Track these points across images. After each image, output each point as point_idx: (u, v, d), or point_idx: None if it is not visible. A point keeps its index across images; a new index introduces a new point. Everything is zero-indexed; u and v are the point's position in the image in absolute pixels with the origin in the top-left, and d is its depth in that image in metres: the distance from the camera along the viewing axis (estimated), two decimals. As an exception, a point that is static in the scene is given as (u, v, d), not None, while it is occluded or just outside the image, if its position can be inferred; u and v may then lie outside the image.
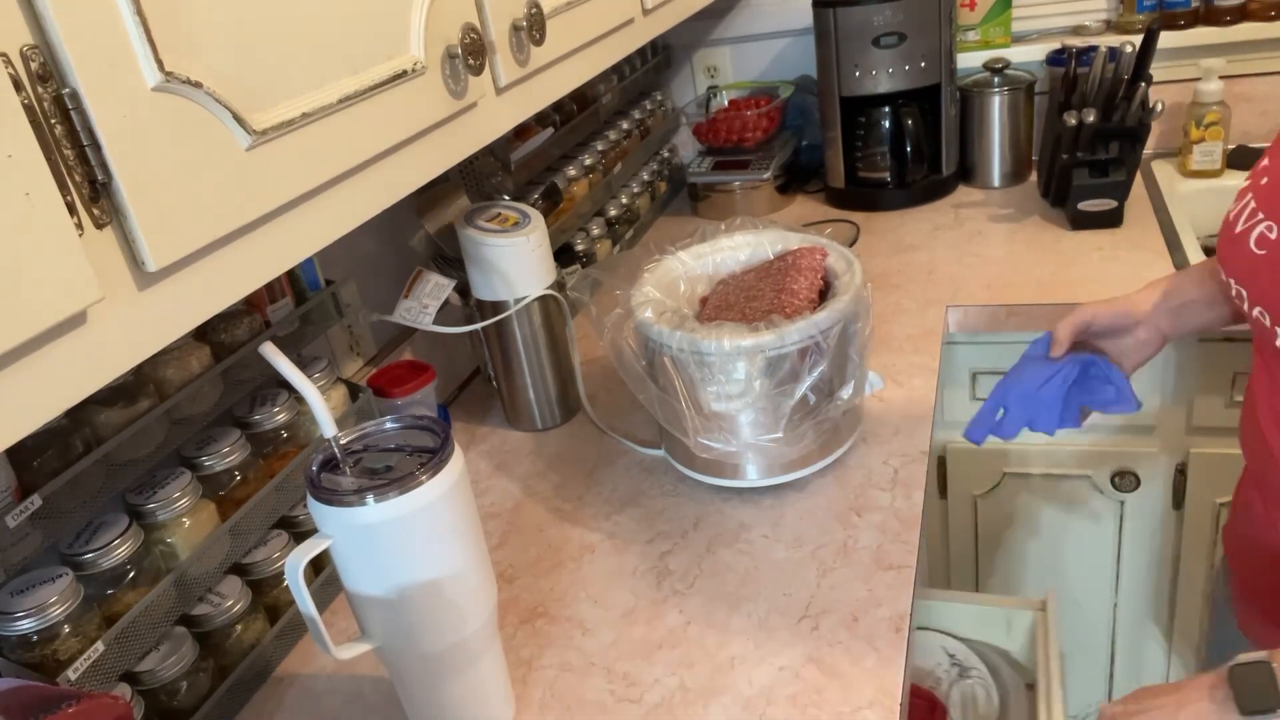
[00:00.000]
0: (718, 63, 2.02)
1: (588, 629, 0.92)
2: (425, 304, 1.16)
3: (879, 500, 1.03)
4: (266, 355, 0.69)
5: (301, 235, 0.61)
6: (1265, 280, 0.77)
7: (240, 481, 0.91)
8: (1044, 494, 1.49)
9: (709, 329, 0.97)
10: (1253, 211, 0.80)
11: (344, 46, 0.63)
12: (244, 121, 0.54)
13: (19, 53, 0.43)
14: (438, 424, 0.73)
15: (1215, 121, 1.63)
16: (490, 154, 1.37)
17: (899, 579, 0.91)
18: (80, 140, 0.45)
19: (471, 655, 0.77)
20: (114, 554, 0.78)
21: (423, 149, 0.73)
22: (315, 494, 0.68)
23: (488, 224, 1.16)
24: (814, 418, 0.99)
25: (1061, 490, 1.47)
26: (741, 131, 1.87)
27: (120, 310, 0.49)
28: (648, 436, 1.20)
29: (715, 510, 1.06)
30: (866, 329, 1.03)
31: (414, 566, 0.70)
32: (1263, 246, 0.77)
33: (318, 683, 0.92)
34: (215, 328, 0.90)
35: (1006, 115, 1.73)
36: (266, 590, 0.94)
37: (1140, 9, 1.74)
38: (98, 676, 0.74)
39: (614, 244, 1.71)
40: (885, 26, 1.63)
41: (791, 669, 0.84)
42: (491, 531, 1.09)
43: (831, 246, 1.12)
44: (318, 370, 1.01)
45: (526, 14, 0.83)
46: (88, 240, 0.46)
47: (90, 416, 0.78)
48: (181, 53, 0.50)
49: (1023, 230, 1.59)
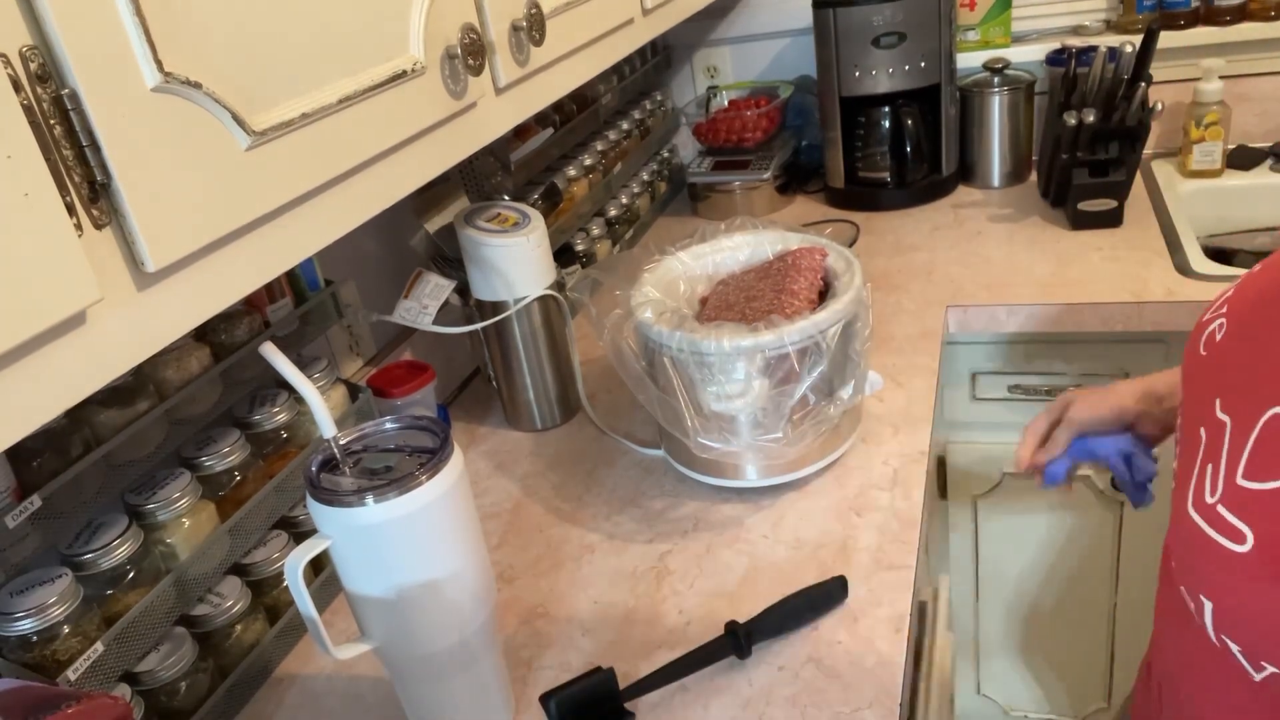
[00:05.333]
0: (718, 63, 2.02)
1: (588, 629, 0.92)
2: (425, 304, 1.16)
3: (879, 500, 1.03)
4: (266, 355, 0.69)
5: (301, 235, 0.61)
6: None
7: (240, 482, 0.91)
8: (1043, 495, 1.49)
9: (709, 329, 0.97)
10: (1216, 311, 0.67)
11: (343, 47, 0.63)
12: (243, 122, 0.54)
13: (18, 53, 0.43)
14: (437, 424, 0.73)
15: (1215, 121, 1.63)
16: (490, 154, 1.37)
17: (899, 579, 0.91)
18: (79, 141, 0.45)
19: (471, 655, 0.77)
20: (114, 554, 0.78)
21: (422, 149, 0.73)
22: (315, 494, 0.68)
23: (487, 224, 1.16)
24: (814, 418, 0.99)
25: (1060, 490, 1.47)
26: (741, 131, 1.87)
27: (119, 311, 0.49)
28: (647, 436, 1.20)
29: (715, 510, 1.06)
30: (866, 329, 1.03)
31: (414, 567, 0.70)
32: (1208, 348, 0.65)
33: (317, 683, 0.92)
34: (215, 328, 0.90)
35: (1006, 115, 1.73)
36: (266, 590, 0.94)
37: (1140, 9, 1.74)
38: (97, 677, 0.74)
39: (614, 244, 1.71)
40: (885, 26, 1.63)
41: (791, 669, 0.84)
42: (491, 531, 1.09)
43: (831, 246, 1.12)
44: (317, 370, 1.01)
45: (526, 14, 0.83)
46: (87, 241, 0.46)
47: (90, 417, 0.78)
48: (181, 53, 0.50)
49: (1023, 230, 1.59)
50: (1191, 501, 0.58)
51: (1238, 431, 0.56)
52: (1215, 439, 0.58)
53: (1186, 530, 0.58)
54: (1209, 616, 0.56)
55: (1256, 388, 0.56)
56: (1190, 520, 0.57)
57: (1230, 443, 0.56)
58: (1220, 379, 0.61)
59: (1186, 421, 0.65)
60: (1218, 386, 0.61)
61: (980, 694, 1.72)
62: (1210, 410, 0.60)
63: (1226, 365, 0.61)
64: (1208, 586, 0.56)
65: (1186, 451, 0.62)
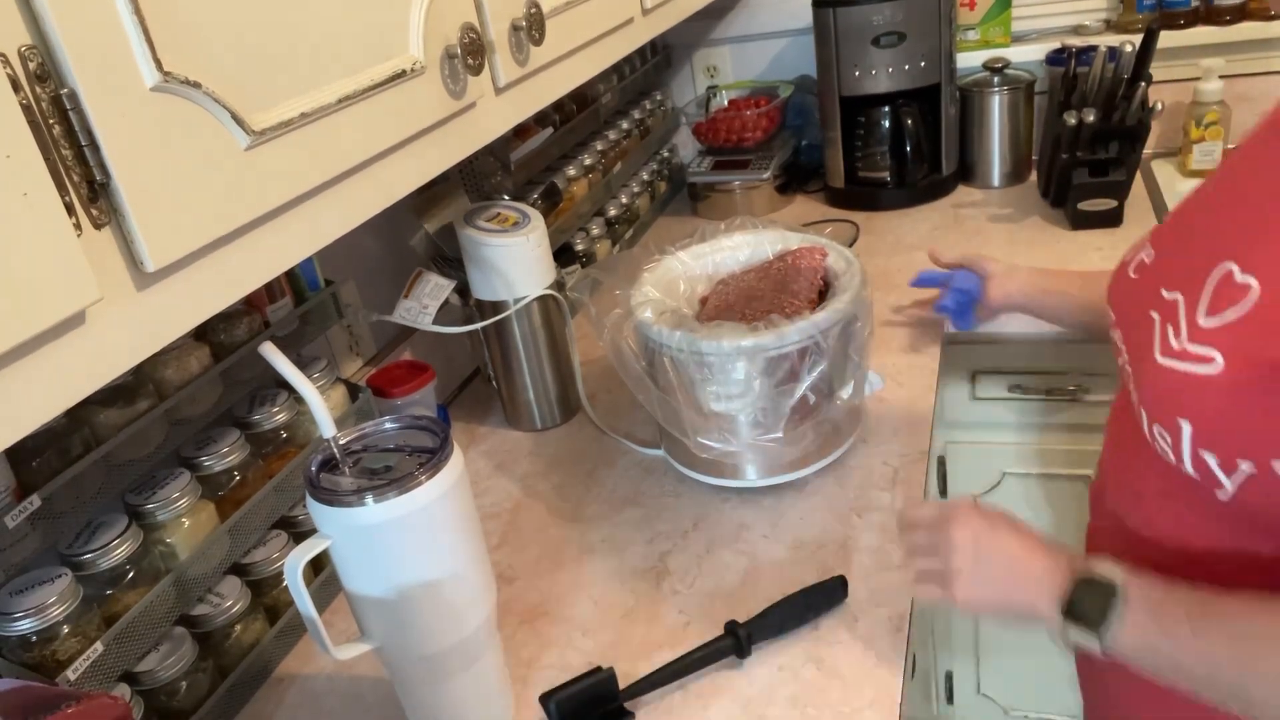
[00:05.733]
0: (718, 63, 2.02)
1: (588, 629, 0.92)
2: (425, 304, 1.16)
3: (879, 500, 1.03)
4: (266, 355, 0.69)
5: (301, 235, 0.61)
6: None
7: (240, 482, 0.91)
8: (1044, 494, 1.49)
9: (709, 329, 0.97)
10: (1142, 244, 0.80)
11: (343, 46, 0.63)
12: (243, 121, 0.54)
13: (17, 53, 0.43)
14: (437, 424, 0.73)
15: (1215, 121, 1.63)
16: (490, 154, 1.37)
17: (899, 579, 0.91)
18: (78, 140, 0.45)
19: (471, 655, 0.77)
20: (113, 554, 0.78)
21: (422, 149, 0.73)
22: (314, 494, 0.68)
23: (487, 224, 1.16)
24: (814, 418, 0.99)
25: (1061, 490, 1.47)
26: (741, 131, 1.87)
27: (119, 310, 0.49)
28: (648, 436, 1.20)
29: (715, 510, 1.06)
30: (866, 329, 1.03)
31: (413, 567, 0.70)
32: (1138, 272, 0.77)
33: (317, 683, 0.92)
34: (215, 328, 0.90)
35: (1006, 115, 1.73)
36: (266, 590, 0.94)
37: (1140, 9, 1.74)
38: (97, 677, 0.74)
39: (614, 244, 1.71)
40: (885, 26, 1.63)
41: (791, 669, 0.84)
42: (491, 531, 1.09)
43: (831, 246, 1.12)
44: (317, 370, 1.01)
45: (526, 14, 0.83)
46: (86, 240, 0.46)
47: (89, 416, 0.78)
48: (180, 53, 0.50)
49: (1023, 230, 1.59)
50: (1159, 352, 0.67)
51: (1190, 295, 0.67)
52: (1170, 309, 0.68)
53: (1154, 376, 0.67)
54: (1187, 439, 0.64)
55: (1199, 258, 0.67)
56: (1159, 366, 0.67)
57: (1186, 303, 0.67)
58: (1159, 279, 0.72)
59: (1129, 321, 0.75)
60: (1159, 283, 0.71)
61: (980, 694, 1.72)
62: (1156, 299, 0.70)
63: (1163, 268, 0.73)
64: (1184, 410, 0.64)
65: (1138, 333, 0.72)
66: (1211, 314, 0.64)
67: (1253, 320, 0.61)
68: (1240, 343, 0.61)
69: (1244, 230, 0.66)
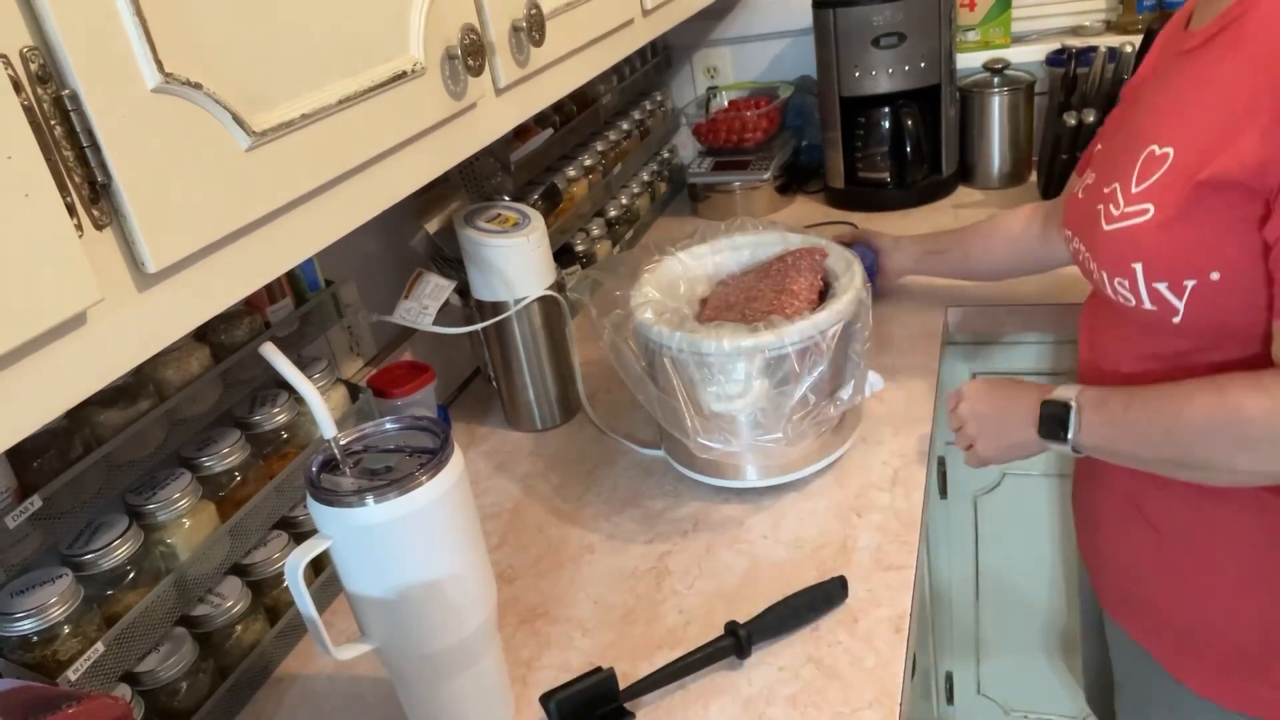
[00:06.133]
0: (718, 63, 2.02)
1: (588, 629, 0.92)
2: (425, 305, 1.16)
3: (879, 500, 1.03)
4: (266, 356, 0.69)
5: (301, 236, 0.61)
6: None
7: (240, 482, 0.91)
8: (1044, 494, 1.49)
9: (709, 329, 0.97)
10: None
11: (343, 47, 0.63)
12: (244, 122, 0.54)
13: (19, 54, 0.43)
14: (437, 424, 0.73)
15: (1215, 121, 1.63)
16: (490, 154, 1.37)
17: (899, 579, 0.91)
18: (80, 141, 0.45)
19: (471, 655, 0.77)
20: (114, 555, 0.78)
21: (422, 150, 0.73)
22: (315, 495, 0.68)
23: (487, 224, 1.16)
24: (814, 418, 0.99)
25: (1061, 490, 1.47)
26: (741, 132, 1.87)
27: (120, 311, 0.49)
28: (647, 437, 1.20)
29: (715, 510, 1.06)
30: (866, 329, 1.03)
31: (414, 567, 0.70)
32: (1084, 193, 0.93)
33: (318, 683, 0.92)
34: (215, 328, 0.91)
35: (1006, 115, 1.73)
36: (266, 591, 0.94)
37: (1140, 9, 1.74)
38: (98, 677, 0.74)
39: (614, 244, 1.71)
40: (885, 27, 1.63)
41: (791, 669, 0.84)
42: (491, 531, 1.09)
43: (831, 246, 1.12)
44: (317, 371, 1.01)
45: (526, 15, 0.83)
46: (87, 241, 0.46)
47: (90, 417, 0.78)
48: (181, 54, 0.50)
49: (1022, 230, 1.59)
50: (1105, 222, 0.84)
51: (1124, 180, 0.82)
52: (1109, 196, 0.84)
53: (1105, 241, 0.83)
54: (1141, 279, 0.79)
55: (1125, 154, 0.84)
56: (1107, 233, 0.83)
57: (1121, 186, 0.83)
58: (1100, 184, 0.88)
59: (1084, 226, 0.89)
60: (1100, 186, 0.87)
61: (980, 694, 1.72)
62: (1100, 196, 0.86)
63: (1100, 175, 0.89)
64: (1135, 255, 0.79)
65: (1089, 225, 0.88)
66: (1140, 182, 0.80)
67: (1171, 172, 0.77)
68: (1164, 192, 0.77)
69: (1160, 117, 0.81)
